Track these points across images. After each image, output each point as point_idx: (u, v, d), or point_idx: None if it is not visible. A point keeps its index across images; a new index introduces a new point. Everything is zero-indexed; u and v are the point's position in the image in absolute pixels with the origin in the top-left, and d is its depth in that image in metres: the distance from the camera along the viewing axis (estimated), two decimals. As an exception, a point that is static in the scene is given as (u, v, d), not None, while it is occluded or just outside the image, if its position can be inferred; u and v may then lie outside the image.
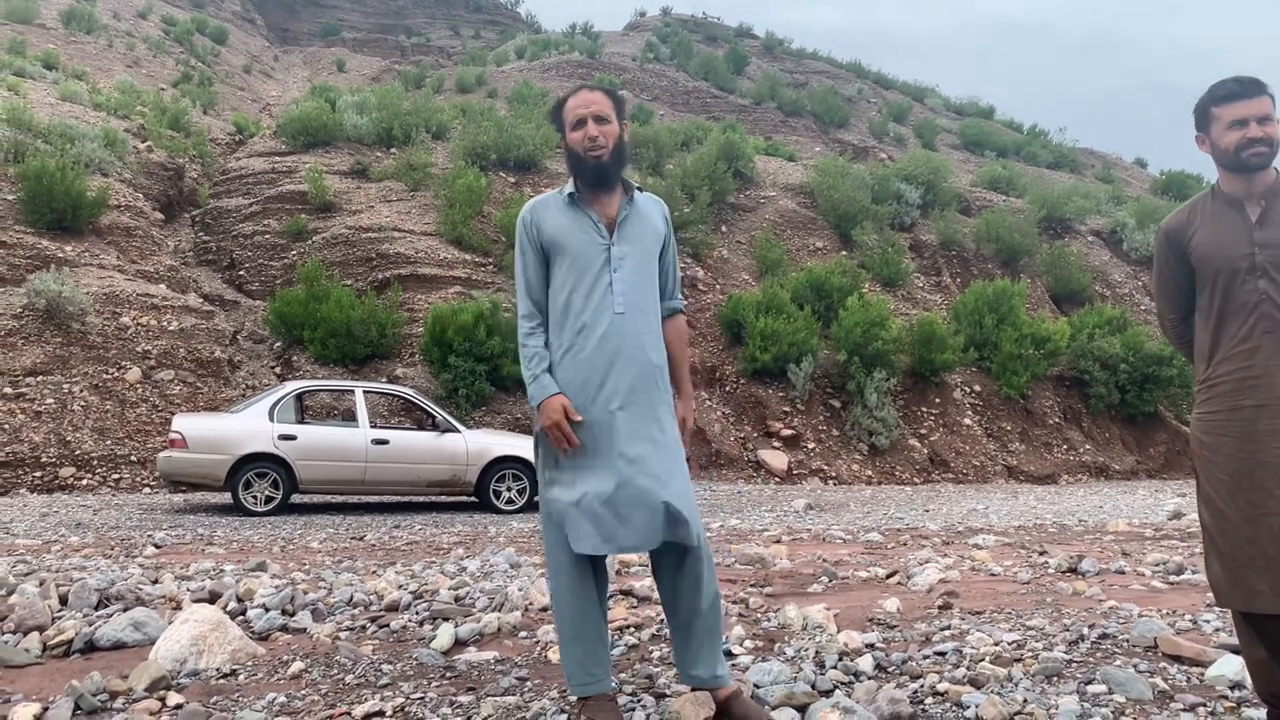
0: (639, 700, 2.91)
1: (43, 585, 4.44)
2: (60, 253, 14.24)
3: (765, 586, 4.82)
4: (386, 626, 3.91)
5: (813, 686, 3.01)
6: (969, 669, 3.17)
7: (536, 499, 7.24)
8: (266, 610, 4.07)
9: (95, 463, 11.95)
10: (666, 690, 3.02)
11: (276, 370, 14.88)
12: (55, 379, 12.49)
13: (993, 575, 5.16)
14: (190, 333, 13.97)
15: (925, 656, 3.35)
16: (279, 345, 15.38)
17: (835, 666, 3.23)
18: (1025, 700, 2.85)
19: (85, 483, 11.72)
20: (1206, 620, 3.79)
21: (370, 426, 10.34)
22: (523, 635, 3.75)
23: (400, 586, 4.68)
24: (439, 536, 7.85)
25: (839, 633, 3.64)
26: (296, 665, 3.31)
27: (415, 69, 41.11)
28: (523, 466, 10.27)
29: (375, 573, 5.41)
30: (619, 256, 2.75)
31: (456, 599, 4.41)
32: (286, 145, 20.45)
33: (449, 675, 3.24)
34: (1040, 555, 5.97)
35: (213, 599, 4.38)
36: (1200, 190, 2.79)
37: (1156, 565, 5.40)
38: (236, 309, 16.49)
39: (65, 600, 4.23)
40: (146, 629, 3.65)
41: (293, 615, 4.06)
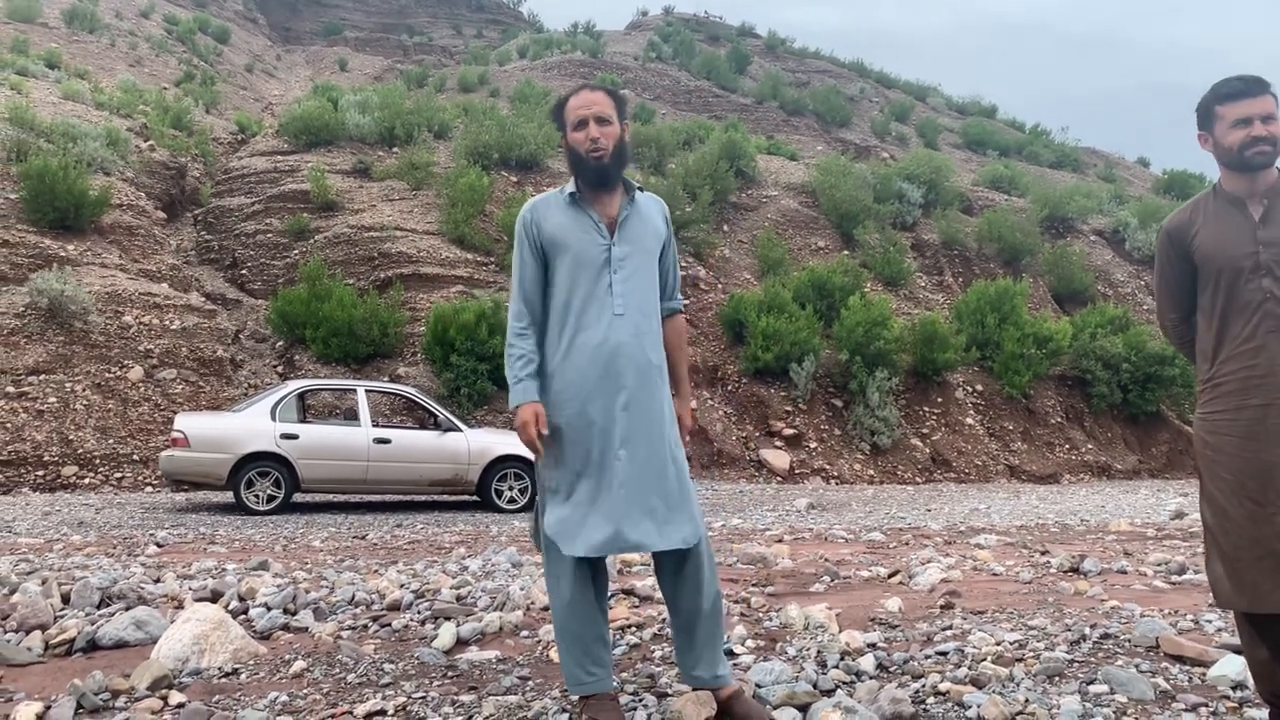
0: (641, 700, 2.91)
1: (45, 584, 4.44)
2: (63, 252, 14.25)
3: (767, 586, 4.82)
4: (388, 626, 3.91)
5: (814, 686, 3.00)
6: (971, 669, 3.16)
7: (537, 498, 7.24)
8: (268, 609, 4.07)
9: (97, 462, 11.96)
10: (668, 690, 3.01)
11: (278, 369, 14.89)
12: (58, 378, 12.50)
13: (995, 575, 5.16)
14: (192, 332, 13.98)
15: (927, 656, 3.35)
16: (281, 344, 15.40)
17: (837, 666, 3.22)
18: (1027, 700, 2.85)
19: (87, 482, 11.73)
20: (1208, 620, 3.78)
21: (372, 426, 10.34)
22: (525, 634, 3.75)
23: (402, 585, 4.68)
24: (441, 536, 7.84)
25: (841, 632, 3.64)
26: (298, 664, 3.31)
27: (417, 68, 41.15)
28: (525, 465, 10.26)
29: (377, 572, 5.41)
30: (619, 257, 2.73)
31: (458, 598, 4.40)
32: (289, 144, 20.46)
33: (451, 674, 3.24)
34: (1042, 555, 5.96)
35: (215, 598, 4.38)
36: (1202, 189, 2.78)
37: (1158, 565, 5.40)
38: (239, 308, 16.50)
39: (67, 599, 4.23)
40: (148, 628, 3.65)
41: (295, 614, 4.06)
